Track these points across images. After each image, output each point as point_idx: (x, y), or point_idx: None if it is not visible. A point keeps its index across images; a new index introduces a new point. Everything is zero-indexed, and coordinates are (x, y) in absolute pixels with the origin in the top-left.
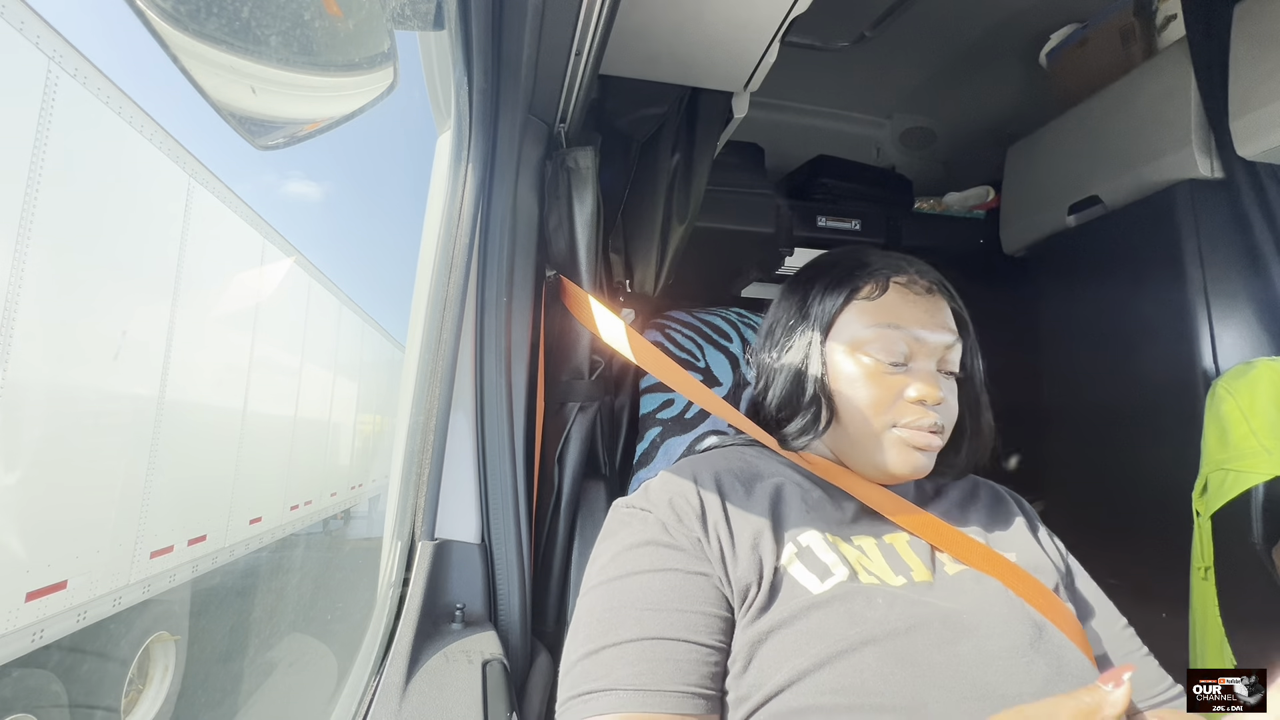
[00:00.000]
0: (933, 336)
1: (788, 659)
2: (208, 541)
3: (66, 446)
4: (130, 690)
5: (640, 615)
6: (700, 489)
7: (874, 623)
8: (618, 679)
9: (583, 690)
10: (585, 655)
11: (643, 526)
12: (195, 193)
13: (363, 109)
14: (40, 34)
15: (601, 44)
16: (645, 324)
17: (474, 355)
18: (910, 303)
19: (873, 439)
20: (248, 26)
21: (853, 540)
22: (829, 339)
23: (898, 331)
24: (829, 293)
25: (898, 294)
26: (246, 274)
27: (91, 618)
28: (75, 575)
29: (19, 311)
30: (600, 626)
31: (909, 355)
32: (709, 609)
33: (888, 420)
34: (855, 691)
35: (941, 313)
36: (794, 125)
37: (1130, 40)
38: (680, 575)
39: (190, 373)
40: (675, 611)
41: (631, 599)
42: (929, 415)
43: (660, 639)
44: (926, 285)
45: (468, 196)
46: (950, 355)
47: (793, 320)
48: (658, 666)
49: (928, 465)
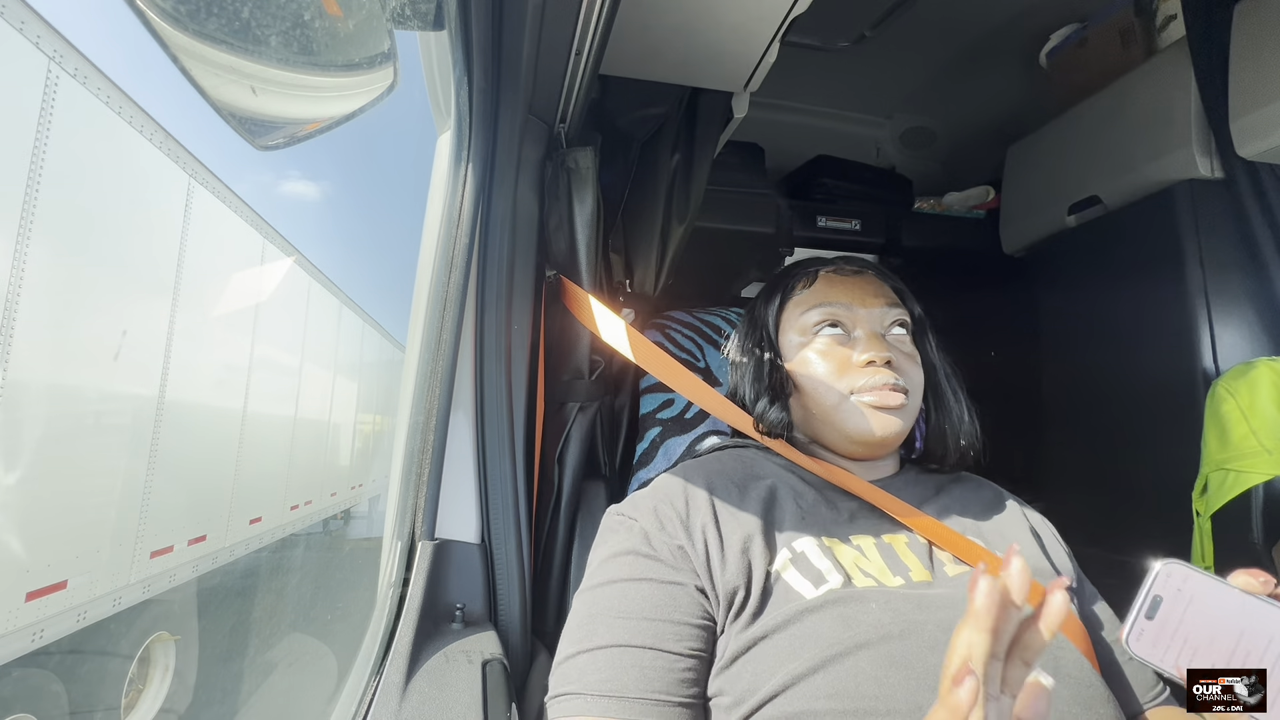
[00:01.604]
0: (867, 307)
1: (782, 663)
2: (208, 541)
3: (66, 446)
4: (130, 690)
5: (612, 623)
6: (689, 493)
7: (868, 626)
8: (586, 684)
9: (557, 692)
10: (564, 659)
11: (626, 535)
12: (195, 193)
13: (363, 109)
14: (40, 34)
15: (601, 44)
16: (645, 324)
17: (474, 355)
18: (838, 283)
19: (834, 410)
20: (248, 26)
21: (850, 540)
22: (778, 335)
23: (830, 307)
24: (770, 297)
25: (825, 280)
26: (246, 274)
27: (91, 618)
28: (75, 575)
29: (19, 312)
30: (580, 632)
31: (849, 327)
32: (681, 618)
33: (845, 388)
34: (850, 696)
35: (874, 285)
36: (794, 125)
37: (1130, 40)
38: (654, 585)
39: (190, 372)
40: (645, 620)
41: (607, 607)
42: (881, 372)
43: (628, 646)
44: (854, 269)
45: (468, 196)
46: (891, 322)
47: (746, 330)
48: (624, 673)
49: (899, 425)
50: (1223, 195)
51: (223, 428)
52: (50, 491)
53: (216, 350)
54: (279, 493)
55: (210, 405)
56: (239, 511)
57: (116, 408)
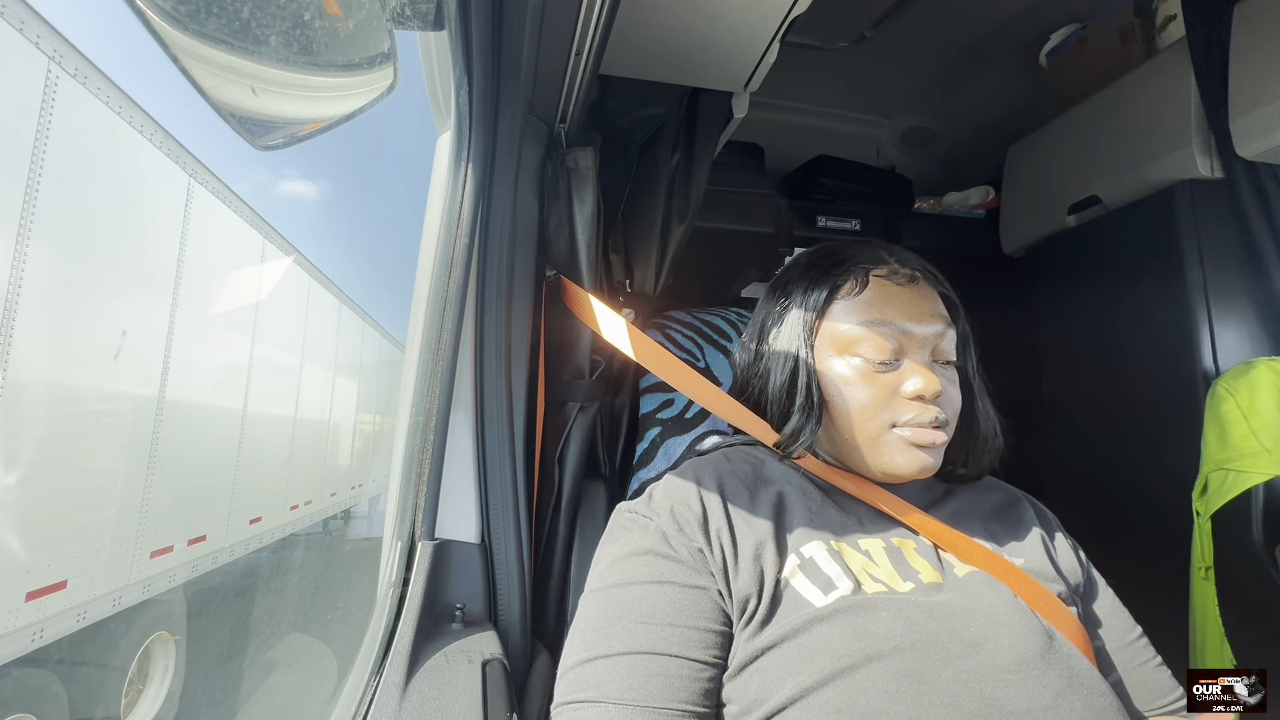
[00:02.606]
0: (922, 328)
1: (791, 674)
2: (208, 541)
3: (67, 446)
4: (130, 690)
5: (634, 627)
6: (704, 495)
7: (879, 637)
8: (608, 691)
9: (574, 698)
10: (580, 663)
11: (643, 534)
12: (195, 192)
13: (363, 109)
14: (40, 34)
15: (601, 44)
16: (645, 324)
17: (474, 355)
18: (894, 295)
19: (872, 441)
20: (248, 26)
21: (859, 545)
22: (816, 342)
23: (885, 327)
24: (809, 293)
25: (879, 287)
26: (246, 274)
27: (91, 618)
28: (75, 575)
29: (19, 311)
30: (595, 634)
31: (900, 350)
32: (705, 624)
33: (887, 420)
34: (860, 711)
35: (928, 300)
36: (794, 125)
37: (1130, 40)
38: (677, 589)
39: (190, 372)
40: (670, 626)
41: (627, 609)
42: (929, 410)
43: (653, 654)
44: (909, 274)
45: (468, 197)
46: (944, 344)
47: (775, 324)
48: (649, 681)
49: (934, 463)
50: (1223, 195)
51: (223, 427)
52: (50, 491)
53: (216, 350)
54: (279, 493)
55: (210, 405)
56: (239, 511)
57: (116, 408)
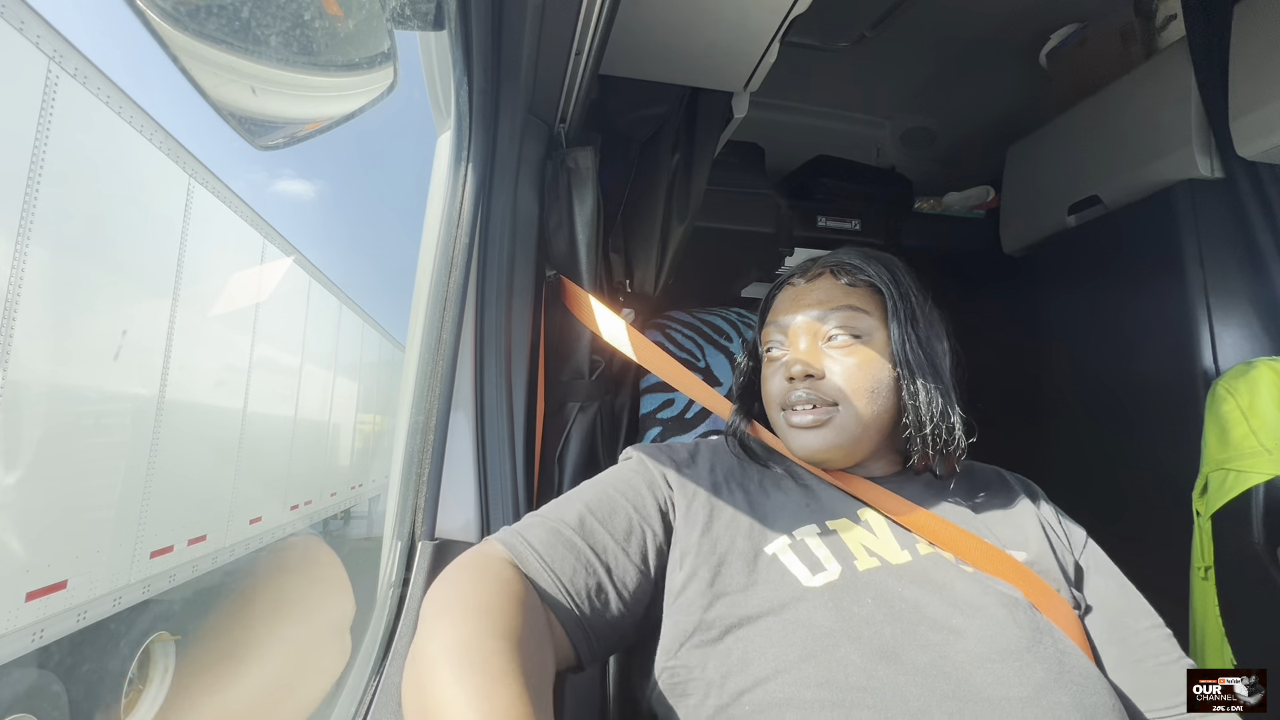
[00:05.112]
0: (800, 316)
1: (772, 645)
2: (208, 541)
3: (67, 446)
4: (130, 690)
5: (571, 501)
6: (695, 459)
7: (861, 620)
8: (528, 537)
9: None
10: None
11: (622, 467)
12: (195, 192)
13: (363, 109)
14: (40, 34)
15: (601, 44)
16: (645, 324)
17: (474, 355)
18: (791, 295)
19: (778, 429)
20: (248, 26)
21: (849, 535)
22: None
23: (774, 325)
24: (760, 309)
25: (784, 292)
26: (246, 274)
27: (91, 618)
28: (75, 575)
29: (19, 311)
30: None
31: (786, 343)
32: (638, 501)
33: (778, 406)
34: (837, 686)
35: (820, 291)
36: (794, 125)
37: (1130, 40)
38: (617, 495)
39: (190, 372)
40: (597, 517)
41: (575, 493)
42: (795, 389)
43: (571, 527)
44: (814, 273)
45: (468, 196)
46: (825, 326)
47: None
48: (564, 510)
49: (821, 444)
50: (1223, 195)
51: (223, 428)
52: (50, 491)
53: (216, 350)
54: (279, 492)
55: (210, 405)
56: (239, 511)
57: (117, 407)
